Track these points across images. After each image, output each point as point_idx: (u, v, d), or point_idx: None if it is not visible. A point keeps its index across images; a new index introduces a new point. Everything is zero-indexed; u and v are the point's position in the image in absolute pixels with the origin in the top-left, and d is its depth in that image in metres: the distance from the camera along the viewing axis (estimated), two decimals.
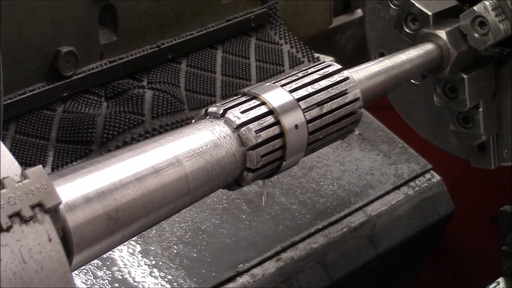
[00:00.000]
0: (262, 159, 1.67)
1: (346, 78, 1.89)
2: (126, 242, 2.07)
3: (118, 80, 2.61)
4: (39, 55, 2.43)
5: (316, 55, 3.01)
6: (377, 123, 2.91)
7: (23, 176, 1.23)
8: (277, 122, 1.71)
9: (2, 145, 1.23)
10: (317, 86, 1.83)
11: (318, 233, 2.51)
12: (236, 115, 1.65)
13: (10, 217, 1.19)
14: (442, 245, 3.20)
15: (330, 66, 1.91)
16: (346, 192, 2.65)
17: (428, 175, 2.82)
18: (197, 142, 1.56)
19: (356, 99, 1.89)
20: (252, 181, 1.69)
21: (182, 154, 1.52)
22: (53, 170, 2.36)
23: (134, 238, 2.24)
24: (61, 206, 1.27)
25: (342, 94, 1.87)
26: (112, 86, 2.59)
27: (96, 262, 2.17)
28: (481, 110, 2.35)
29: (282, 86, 1.79)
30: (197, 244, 2.34)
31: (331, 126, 1.84)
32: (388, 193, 2.72)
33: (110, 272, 2.19)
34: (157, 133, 2.54)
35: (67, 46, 2.47)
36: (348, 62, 2.12)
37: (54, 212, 1.25)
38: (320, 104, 1.81)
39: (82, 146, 2.43)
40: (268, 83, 1.80)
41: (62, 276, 1.23)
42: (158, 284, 2.21)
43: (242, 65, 2.89)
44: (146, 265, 2.25)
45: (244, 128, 1.64)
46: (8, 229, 1.18)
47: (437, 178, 2.83)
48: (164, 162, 1.48)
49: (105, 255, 2.10)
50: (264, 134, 1.67)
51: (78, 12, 2.50)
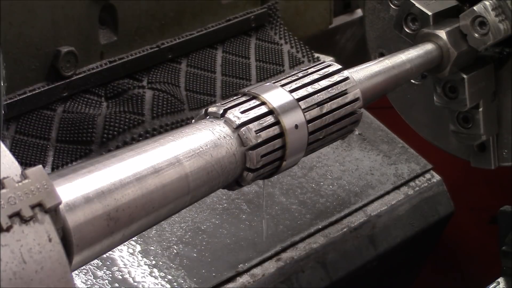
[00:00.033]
0: (262, 159, 1.67)
1: (346, 78, 1.89)
2: (126, 242, 2.07)
3: (118, 80, 2.61)
4: (39, 55, 2.43)
5: (316, 55, 3.01)
6: (377, 123, 2.91)
7: (23, 176, 1.23)
8: (277, 122, 1.71)
9: (2, 145, 1.23)
10: (317, 86, 1.83)
11: (318, 233, 2.51)
12: (236, 115, 1.65)
13: (10, 217, 1.19)
14: (442, 245, 3.20)
15: (330, 66, 1.91)
16: (346, 192, 2.65)
17: (428, 175, 2.82)
18: (197, 142, 1.56)
19: (356, 99, 1.89)
20: (252, 181, 1.69)
21: (182, 154, 1.52)
22: (53, 170, 2.36)
23: (134, 238, 2.24)
24: (61, 206, 1.27)
25: (342, 94, 1.87)
26: (112, 86, 2.59)
27: (96, 262, 2.17)
28: (481, 110, 2.35)
29: (282, 86, 1.79)
30: (197, 244, 2.34)
31: (331, 126, 1.84)
32: (388, 193, 2.72)
33: (110, 272, 2.18)
34: (157, 133, 2.54)
35: (67, 46, 2.47)
36: (348, 62, 2.12)
37: (54, 212, 1.25)
38: (320, 104, 1.81)
39: (82, 146, 2.43)
40: (268, 83, 1.80)
41: (62, 276, 1.23)
42: (158, 284, 2.21)
43: (242, 65, 2.89)
44: (146, 265, 2.25)
45: (244, 128, 1.64)
46: (8, 229, 1.18)
47: (437, 178, 2.83)
48: (164, 162, 1.48)
49: (105, 255, 2.09)
50: (264, 134, 1.67)
51: (78, 12, 2.50)
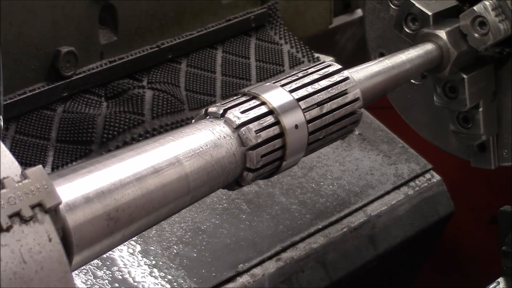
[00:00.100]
0: (262, 159, 1.67)
1: (346, 78, 1.89)
2: (126, 242, 2.07)
3: (118, 80, 2.61)
4: (39, 55, 2.43)
5: (316, 55, 3.01)
6: (377, 123, 2.91)
7: (23, 176, 1.23)
8: (277, 122, 1.70)
9: (2, 145, 1.23)
10: (317, 86, 1.83)
11: (318, 233, 2.51)
12: (236, 115, 1.65)
13: (10, 217, 1.19)
14: (442, 245, 3.20)
15: (330, 66, 1.91)
16: (346, 192, 2.65)
17: (428, 175, 2.82)
18: (197, 142, 1.56)
19: (356, 99, 1.89)
20: (252, 181, 1.69)
21: (182, 154, 1.52)
22: (53, 170, 2.36)
23: (134, 238, 2.24)
24: (61, 206, 1.27)
25: (342, 94, 1.87)
26: (112, 86, 2.59)
27: (96, 262, 2.17)
28: (481, 110, 2.35)
29: (282, 86, 1.79)
30: (197, 244, 2.34)
31: (331, 126, 1.84)
32: (388, 193, 2.72)
33: (110, 272, 2.18)
34: (157, 133, 2.54)
35: (67, 46, 2.47)
36: (348, 62, 2.12)
37: (54, 212, 1.25)
38: (320, 104, 1.81)
39: (82, 146, 2.43)
40: (268, 83, 1.80)
41: (62, 276, 1.23)
42: (158, 284, 2.21)
43: (242, 65, 2.89)
44: (146, 265, 2.24)
45: (244, 128, 1.64)
46: (8, 229, 1.18)
47: (437, 178, 2.83)
48: (164, 162, 1.48)
49: (105, 255, 2.09)
50: (264, 134, 1.67)
51: (78, 12, 2.50)
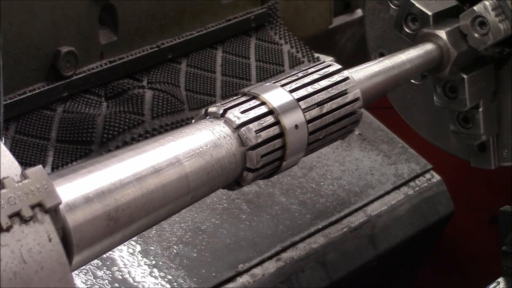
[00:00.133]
0: (262, 159, 1.67)
1: (346, 78, 1.89)
2: (126, 242, 2.07)
3: (118, 80, 2.61)
4: (39, 55, 2.43)
5: (316, 55, 3.01)
6: (377, 123, 2.91)
7: (23, 176, 1.23)
8: (277, 122, 1.70)
9: (2, 145, 1.23)
10: (317, 86, 1.83)
11: (318, 233, 2.51)
12: (236, 115, 1.65)
13: (10, 217, 1.19)
14: (442, 245, 3.20)
15: (330, 66, 1.91)
16: (346, 192, 2.65)
17: (428, 175, 2.82)
18: (197, 142, 1.56)
19: (356, 99, 1.89)
20: (252, 181, 1.69)
21: (182, 154, 1.52)
22: (53, 170, 2.36)
23: (134, 238, 2.24)
24: (61, 206, 1.27)
25: (342, 94, 1.87)
26: (112, 86, 2.59)
27: (96, 262, 2.17)
28: (481, 110, 2.35)
29: (282, 86, 1.79)
30: (197, 244, 2.34)
31: (331, 126, 1.84)
32: (388, 193, 2.72)
33: (110, 272, 2.18)
34: (157, 133, 2.54)
35: (67, 46, 2.47)
36: (348, 62, 2.12)
37: (54, 212, 1.25)
38: (320, 104, 1.81)
39: (82, 146, 2.43)
40: (268, 83, 1.80)
41: (62, 276, 1.23)
42: (158, 284, 2.21)
43: (242, 65, 2.89)
44: (146, 265, 2.24)
45: (244, 128, 1.64)
46: (8, 229, 1.18)
47: (437, 178, 2.83)
48: (164, 162, 1.48)
49: (105, 255, 2.09)
50: (264, 134, 1.67)
51: (78, 12, 2.50)
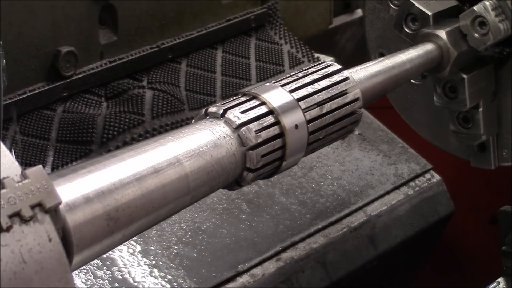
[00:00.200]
0: (262, 159, 1.67)
1: (346, 78, 1.89)
2: (126, 242, 2.07)
3: (118, 80, 2.61)
4: (39, 55, 2.43)
5: (316, 55, 3.01)
6: (377, 123, 2.91)
7: (23, 176, 1.23)
8: (277, 122, 1.71)
9: (2, 145, 1.23)
10: (317, 86, 1.83)
11: (318, 233, 2.51)
12: (236, 115, 1.65)
13: (10, 217, 1.19)
14: (442, 245, 3.20)
15: (330, 66, 1.91)
16: (346, 192, 2.65)
17: (428, 175, 2.82)
18: (197, 142, 1.56)
19: (356, 99, 1.89)
20: (252, 181, 1.69)
21: (182, 154, 1.52)
22: (53, 170, 2.36)
23: (134, 238, 2.24)
24: (61, 206, 1.27)
25: (342, 94, 1.87)
26: (112, 86, 2.59)
27: (96, 262, 2.17)
28: (481, 110, 2.35)
29: (282, 86, 1.79)
30: (197, 244, 2.34)
31: (331, 126, 1.84)
32: (388, 193, 2.72)
33: (110, 272, 2.18)
34: (157, 133, 2.54)
35: (67, 46, 2.47)
36: (348, 62, 2.12)
37: (54, 212, 1.25)
38: (320, 104, 1.81)
39: (82, 146, 2.43)
40: (268, 83, 1.80)
41: (62, 276, 1.23)
42: (158, 284, 2.21)
43: (242, 65, 2.89)
44: (146, 265, 2.24)
45: (244, 128, 1.64)
46: (8, 229, 1.18)
47: (437, 178, 2.83)
48: (164, 162, 1.48)
49: (105, 255, 2.09)
50: (264, 134, 1.67)
51: (78, 12, 2.50)
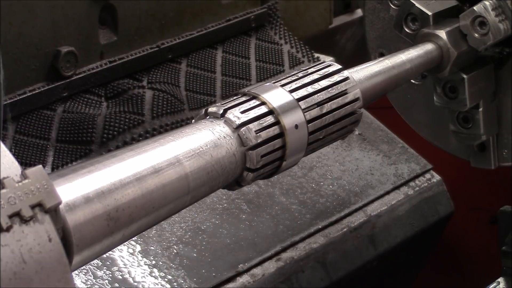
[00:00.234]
0: (262, 159, 1.67)
1: (346, 78, 1.89)
2: (126, 242, 2.07)
3: (118, 80, 2.61)
4: (39, 55, 2.43)
5: (316, 55, 3.01)
6: (377, 123, 2.91)
7: (23, 176, 1.23)
8: (277, 122, 1.71)
9: (2, 145, 1.23)
10: (317, 86, 1.83)
11: (318, 233, 2.51)
12: (236, 115, 1.65)
13: (10, 217, 1.19)
14: (442, 245, 3.20)
15: (330, 66, 1.91)
16: (346, 192, 2.65)
17: (428, 175, 2.82)
18: (197, 142, 1.56)
19: (356, 99, 1.89)
20: (252, 181, 1.69)
21: (182, 154, 1.52)
22: (53, 170, 2.36)
23: (134, 238, 2.24)
24: (61, 206, 1.27)
25: (342, 94, 1.87)
26: (112, 86, 2.59)
27: (96, 262, 2.17)
28: (481, 110, 2.35)
29: (282, 86, 1.79)
30: (197, 244, 2.34)
31: (331, 126, 1.84)
32: (388, 193, 2.72)
33: (110, 272, 2.18)
34: (157, 133, 2.53)
35: (67, 46, 2.47)
36: (348, 62, 2.12)
37: (54, 212, 1.25)
38: (320, 104, 1.81)
39: (82, 146, 2.43)
40: (268, 83, 1.80)
41: (62, 276, 1.23)
42: (158, 284, 2.21)
43: (242, 65, 2.89)
44: (146, 265, 2.24)
45: (244, 128, 1.64)
46: (8, 229, 1.18)
47: (437, 178, 2.83)
48: (164, 162, 1.48)
49: (105, 255, 2.09)
50: (264, 134, 1.67)
51: (78, 12, 2.50)
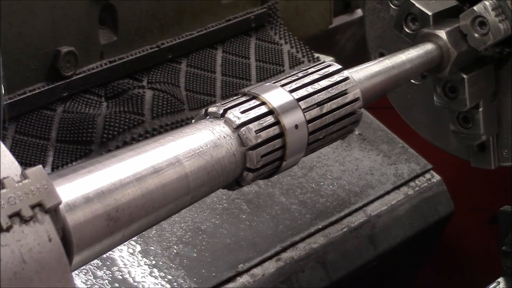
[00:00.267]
0: (262, 159, 1.67)
1: (346, 78, 1.89)
2: (126, 242, 2.07)
3: (118, 80, 2.61)
4: (39, 55, 2.43)
5: (316, 55, 3.01)
6: (377, 123, 2.91)
7: (23, 176, 1.23)
8: (277, 122, 1.70)
9: (2, 145, 1.23)
10: (317, 86, 1.83)
11: (318, 233, 2.51)
12: (236, 115, 1.65)
13: (10, 217, 1.19)
14: (442, 245, 3.20)
15: (330, 66, 1.91)
16: (346, 192, 2.65)
17: (428, 175, 2.82)
18: (197, 142, 1.56)
19: (356, 99, 1.89)
20: (252, 181, 1.69)
21: (182, 154, 1.52)
22: (53, 170, 2.36)
23: (134, 238, 2.24)
24: (61, 206, 1.27)
25: (342, 94, 1.87)
26: (112, 86, 2.59)
27: (96, 262, 2.17)
28: (481, 110, 2.35)
29: (282, 86, 1.79)
30: (197, 244, 2.34)
31: (331, 126, 1.84)
32: (388, 193, 2.72)
33: (110, 272, 2.18)
34: (157, 133, 2.53)
35: (67, 46, 2.47)
36: (348, 62, 2.12)
37: (54, 212, 1.25)
38: (320, 104, 1.81)
39: (82, 146, 2.43)
40: (268, 83, 1.80)
41: (62, 276, 1.23)
42: (158, 284, 2.21)
43: (242, 65, 2.89)
44: (146, 265, 2.24)
45: (244, 128, 1.64)
46: (8, 229, 1.18)
47: (437, 178, 2.83)
48: (164, 162, 1.48)
49: (105, 255, 2.09)
50: (264, 134, 1.67)
51: (78, 12, 2.50)
